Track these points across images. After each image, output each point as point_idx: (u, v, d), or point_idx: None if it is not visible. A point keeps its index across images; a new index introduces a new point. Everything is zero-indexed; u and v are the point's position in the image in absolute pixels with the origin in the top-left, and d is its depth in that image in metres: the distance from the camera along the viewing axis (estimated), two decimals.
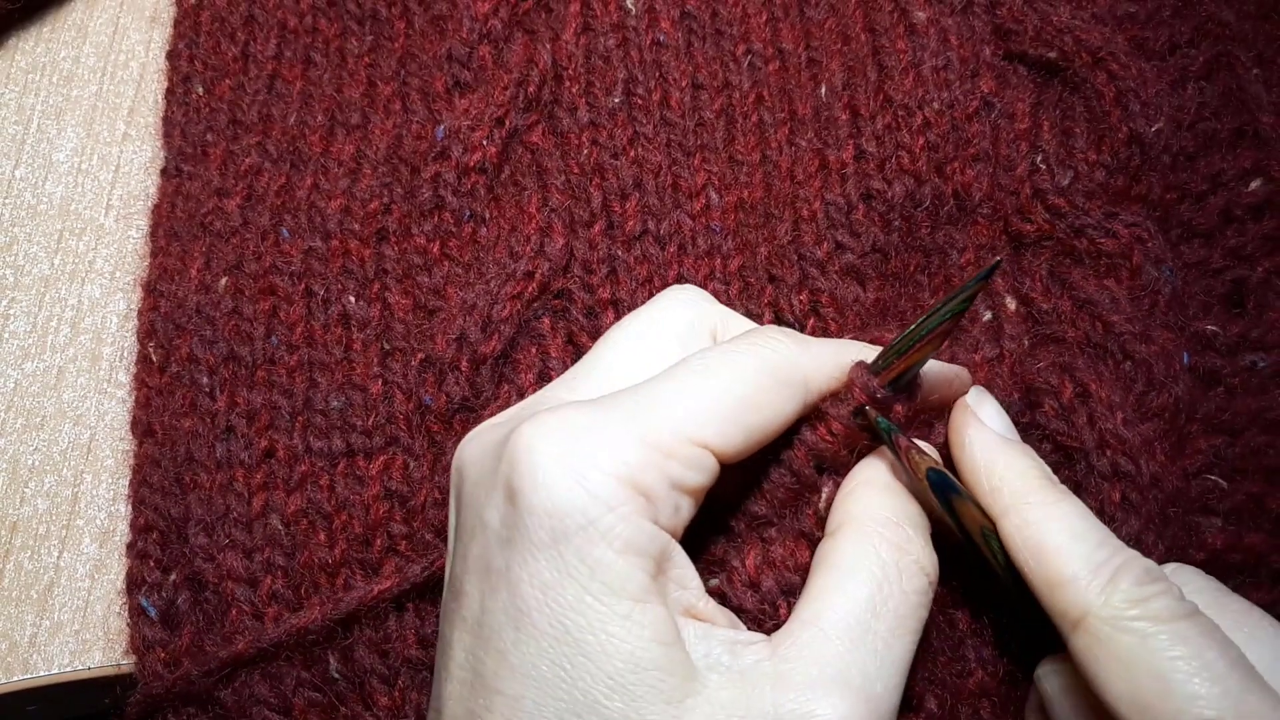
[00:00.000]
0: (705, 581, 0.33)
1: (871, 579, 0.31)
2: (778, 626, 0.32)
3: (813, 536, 0.34)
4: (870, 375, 0.34)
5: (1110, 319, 0.42)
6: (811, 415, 0.35)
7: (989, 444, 0.34)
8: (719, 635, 0.31)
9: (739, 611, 0.33)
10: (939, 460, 0.35)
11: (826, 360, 0.35)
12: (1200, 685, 0.28)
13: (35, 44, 0.55)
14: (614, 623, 0.29)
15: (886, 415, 0.34)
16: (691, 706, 0.29)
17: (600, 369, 0.35)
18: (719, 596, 0.33)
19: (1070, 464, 0.39)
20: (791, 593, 0.33)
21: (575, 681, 0.29)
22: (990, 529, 0.33)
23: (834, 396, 0.35)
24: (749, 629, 0.33)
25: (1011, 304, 0.44)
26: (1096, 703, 0.30)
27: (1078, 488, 0.39)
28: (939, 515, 0.34)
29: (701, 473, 0.32)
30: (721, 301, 0.46)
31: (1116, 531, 0.35)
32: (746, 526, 0.35)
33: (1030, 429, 0.41)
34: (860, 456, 0.35)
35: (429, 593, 0.42)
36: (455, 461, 0.34)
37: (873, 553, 0.32)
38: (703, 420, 0.32)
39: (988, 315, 0.44)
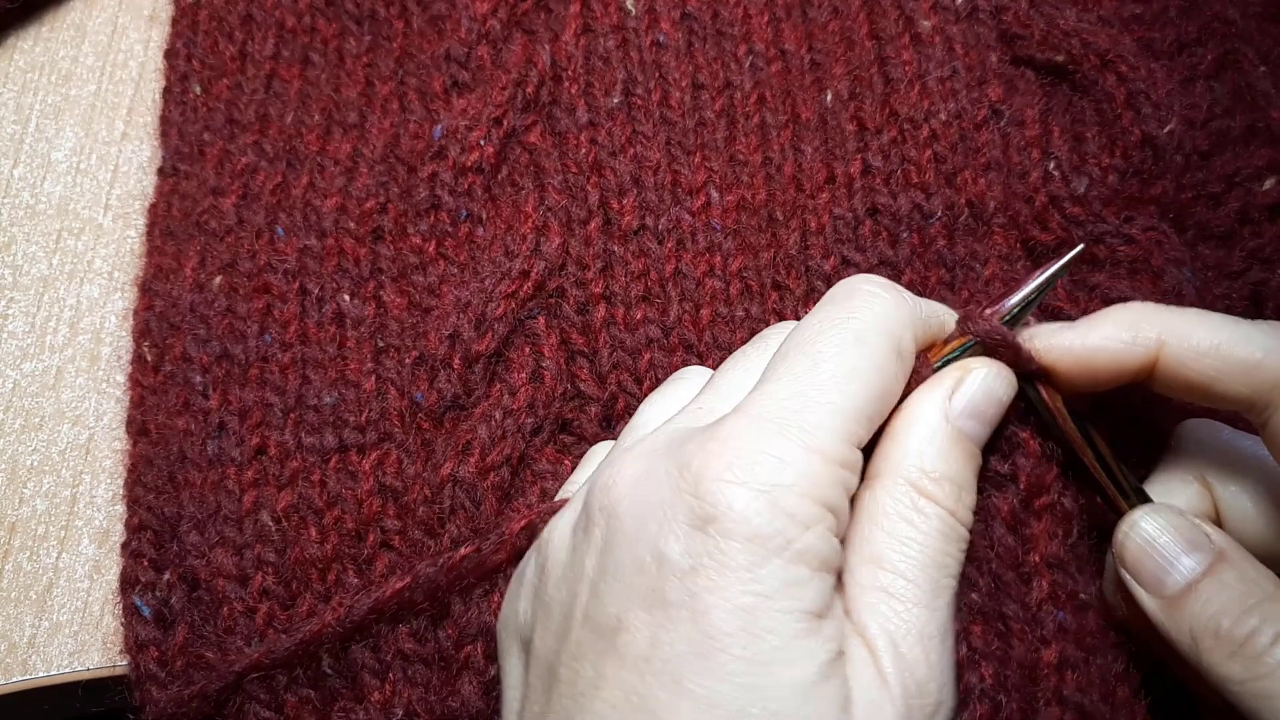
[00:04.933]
0: None
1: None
2: None
3: None
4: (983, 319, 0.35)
5: None
6: None
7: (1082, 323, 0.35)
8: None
9: None
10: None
11: (928, 324, 0.35)
12: None
13: (34, 43, 0.55)
14: (799, 641, 0.29)
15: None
16: None
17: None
18: None
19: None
20: None
21: (752, 706, 0.28)
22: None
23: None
24: None
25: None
26: None
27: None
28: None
29: (859, 473, 0.32)
30: (720, 301, 0.46)
31: None
32: None
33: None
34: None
35: None
36: (599, 501, 0.32)
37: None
38: (857, 420, 0.31)
39: None
